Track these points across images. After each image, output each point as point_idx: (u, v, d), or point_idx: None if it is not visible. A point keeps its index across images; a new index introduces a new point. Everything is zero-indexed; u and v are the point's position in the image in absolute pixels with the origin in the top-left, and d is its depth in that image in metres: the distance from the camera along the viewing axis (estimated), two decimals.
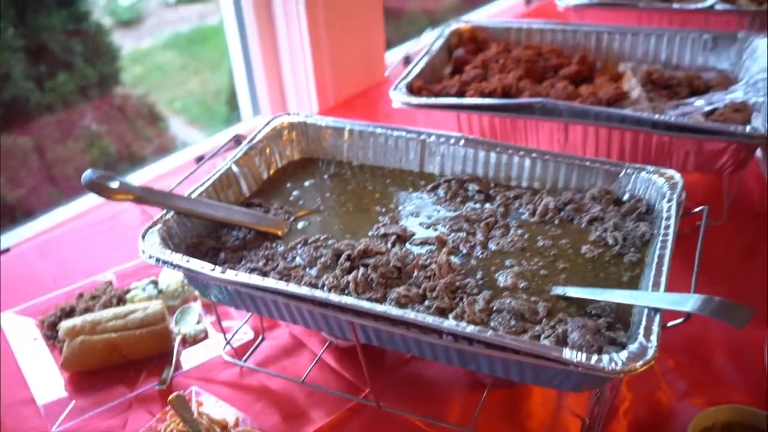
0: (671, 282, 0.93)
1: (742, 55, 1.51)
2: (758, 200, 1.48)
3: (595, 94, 1.43)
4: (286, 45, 1.98)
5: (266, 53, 2.00)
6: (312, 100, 2.02)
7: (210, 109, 3.78)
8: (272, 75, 2.05)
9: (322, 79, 2.00)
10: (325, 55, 1.97)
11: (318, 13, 1.88)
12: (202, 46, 3.91)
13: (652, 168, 1.14)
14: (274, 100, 2.09)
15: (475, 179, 1.23)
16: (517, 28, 1.67)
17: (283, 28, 1.94)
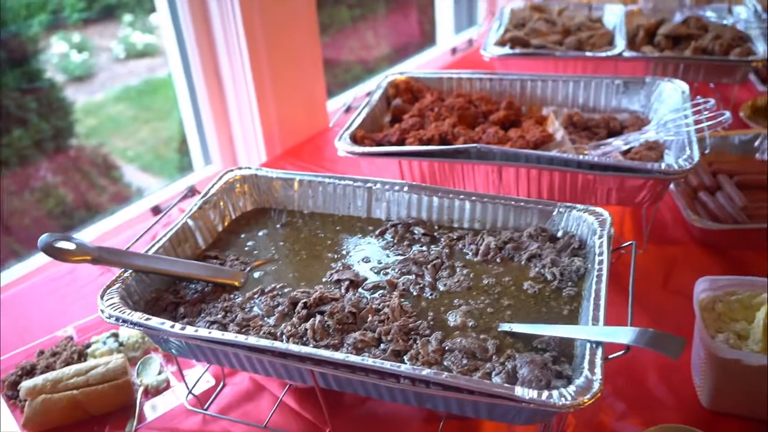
0: (607, 310, 0.92)
1: (651, 98, 1.54)
2: (672, 228, 1.49)
3: (524, 137, 1.43)
4: (233, 97, 1.93)
5: (214, 105, 1.95)
6: (260, 149, 1.97)
7: (162, 157, 3.68)
8: (221, 126, 2.00)
9: (269, 129, 1.96)
10: (270, 106, 1.93)
11: (262, 68, 1.84)
12: (153, 97, 3.82)
13: (581, 207, 1.13)
14: (223, 149, 2.03)
15: (420, 222, 1.20)
16: (449, 77, 1.66)
17: (230, 81, 1.89)
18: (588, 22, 1.90)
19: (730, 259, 1.40)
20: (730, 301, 1.14)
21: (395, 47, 3.59)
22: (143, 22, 3.56)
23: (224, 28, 1.80)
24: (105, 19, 3.53)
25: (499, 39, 1.83)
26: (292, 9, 1.88)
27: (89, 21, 3.41)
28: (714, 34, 1.72)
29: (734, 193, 1.48)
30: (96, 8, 3.31)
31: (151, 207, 1.88)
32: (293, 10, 1.88)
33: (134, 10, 3.49)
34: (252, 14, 1.76)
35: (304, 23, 1.94)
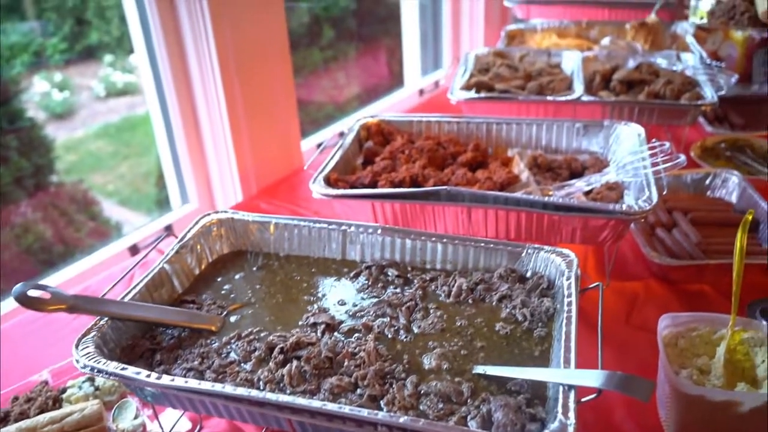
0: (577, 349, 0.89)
1: (609, 140, 1.54)
2: (632, 264, 1.48)
3: (491, 178, 1.41)
4: (210, 137, 1.89)
5: (191, 145, 1.91)
6: (236, 188, 1.93)
7: (140, 191, 3.61)
8: (198, 165, 1.95)
9: (245, 169, 1.92)
10: (246, 146, 1.89)
11: (238, 109, 1.81)
12: (132, 133, 3.76)
13: (549, 248, 1.11)
14: (200, 188, 1.98)
15: (393, 264, 1.17)
16: (418, 120, 1.65)
17: (206, 121, 1.85)
18: (548, 68, 1.91)
19: (688, 293, 1.39)
20: (692, 336, 1.13)
21: (365, 87, 3.59)
22: (123, 62, 3.52)
23: (201, 70, 1.77)
24: (86, 59, 3.47)
25: (465, 83, 1.82)
26: (266, 52, 1.85)
27: (71, 61, 3.35)
28: (665, 80, 1.73)
29: (689, 230, 1.48)
30: (77, 49, 3.25)
31: (128, 246, 1.81)
32: (268, 53, 1.86)
33: (115, 50, 3.44)
34: (227, 57, 1.74)
35: (278, 66, 1.91)
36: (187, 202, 2.01)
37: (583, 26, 2.36)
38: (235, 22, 1.74)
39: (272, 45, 1.89)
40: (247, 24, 1.77)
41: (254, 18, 1.79)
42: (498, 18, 2.86)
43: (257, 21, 1.80)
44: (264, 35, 1.84)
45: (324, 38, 3.47)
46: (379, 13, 3.63)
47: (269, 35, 1.87)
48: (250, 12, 1.77)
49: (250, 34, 1.79)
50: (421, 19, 2.85)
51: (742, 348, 1.09)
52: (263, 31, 1.84)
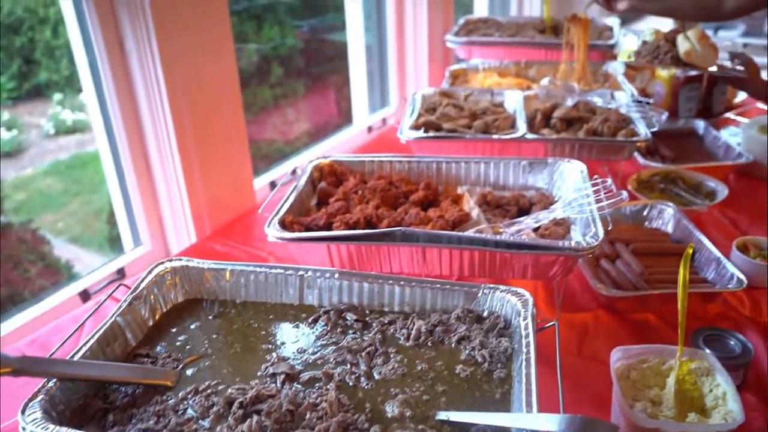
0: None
1: (553, 176, 1.54)
2: (580, 296, 1.48)
3: (443, 216, 1.39)
4: (162, 178, 1.81)
5: (143, 186, 1.82)
6: (190, 230, 1.85)
7: (91, 227, 3.46)
8: (150, 206, 1.87)
9: (198, 210, 1.84)
10: (198, 186, 1.82)
11: (189, 148, 1.74)
12: (82, 170, 3.61)
13: (504, 288, 1.09)
14: (153, 230, 1.90)
15: (351, 308, 1.13)
16: (370, 160, 1.62)
17: (157, 162, 1.78)
18: (492, 107, 1.92)
19: (634, 323, 1.39)
20: (643, 368, 1.12)
21: (315, 124, 3.56)
22: (73, 100, 3.39)
23: (151, 110, 1.70)
24: (35, 98, 3.33)
25: (413, 123, 1.81)
26: (218, 92, 1.80)
27: (19, 99, 3.20)
28: (602, 117, 1.76)
29: (631, 260, 1.48)
30: (26, 88, 3.12)
31: (79, 292, 1.71)
32: (219, 94, 1.81)
33: (64, 89, 3.32)
34: (178, 96, 1.67)
35: (229, 106, 1.86)
36: (139, 244, 1.92)
37: (522, 66, 2.40)
38: (186, 63, 1.68)
39: (223, 85, 1.84)
40: (197, 64, 1.72)
41: (205, 58, 1.74)
42: (441, 58, 2.88)
43: (208, 61, 1.75)
44: (215, 75, 1.79)
45: (273, 76, 3.43)
46: (326, 52, 3.62)
47: (220, 75, 1.82)
48: (201, 53, 1.72)
49: (201, 74, 1.74)
50: (368, 59, 2.84)
51: (690, 378, 1.09)
52: (214, 72, 1.79)
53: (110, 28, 1.61)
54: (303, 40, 3.47)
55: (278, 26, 3.35)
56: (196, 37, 1.70)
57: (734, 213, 1.78)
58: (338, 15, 2.93)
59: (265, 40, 3.28)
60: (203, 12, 1.70)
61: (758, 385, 1.21)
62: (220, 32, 1.78)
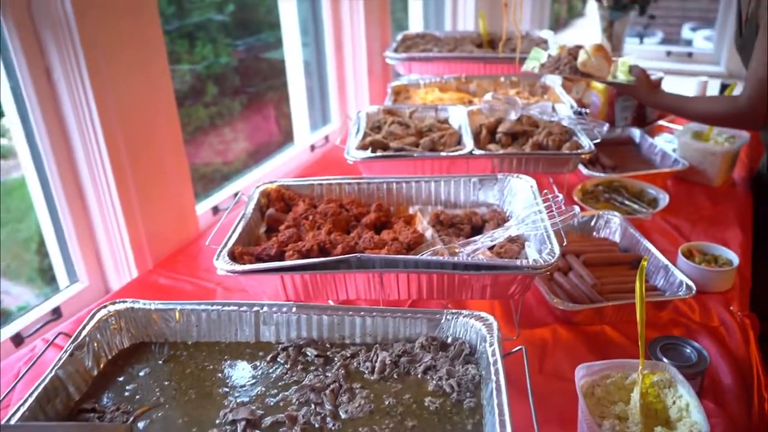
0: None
1: (504, 192, 1.54)
2: (537, 311, 1.47)
3: (398, 239, 1.36)
4: (96, 209, 1.71)
5: (76, 218, 1.72)
6: (130, 264, 1.76)
7: (20, 257, 3.26)
8: (85, 240, 1.76)
9: (138, 242, 1.75)
10: (137, 216, 1.73)
11: (126, 176, 1.65)
12: (8, 198, 3.41)
13: (467, 312, 1.07)
14: (90, 265, 1.79)
15: (311, 343, 1.08)
16: (319, 183, 1.57)
17: (92, 192, 1.68)
18: (437, 123, 1.91)
19: (592, 335, 1.40)
20: (606, 384, 1.12)
21: (256, 144, 3.48)
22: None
23: (83, 139, 1.60)
24: None
25: (360, 143, 1.77)
26: (153, 116, 1.72)
27: None
28: (546, 131, 1.78)
29: (584, 272, 1.50)
30: None
31: (11, 336, 1.59)
32: (155, 117, 1.73)
33: None
34: (111, 122, 1.58)
35: (166, 129, 1.78)
36: (75, 280, 1.81)
37: (462, 80, 2.41)
38: (119, 89, 1.60)
39: (160, 109, 1.75)
40: (131, 89, 1.64)
41: (139, 83, 1.66)
42: (381, 74, 2.87)
43: (143, 86, 1.67)
44: (150, 100, 1.71)
45: (208, 95, 3.34)
46: (263, 70, 3.55)
47: (156, 100, 1.74)
48: (135, 77, 1.64)
49: (135, 99, 1.66)
50: (307, 76, 2.80)
51: (653, 391, 1.09)
52: (149, 96, 1.71)
53: (34, 53, 1.51)
54: (238, 58, 3.40)
55: (211, 44, 3.27)
56: (130, 60, 1.62)
57: (676, 219, 1.83)
58: (274, 32, 2.87)
59: (199, 59, 3.19)
60: (136, 35, 1.63)
61: (716, 391, 1.23)
62: (155, 55, 1.71)
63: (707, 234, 1.75)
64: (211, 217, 2.14)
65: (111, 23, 1.55)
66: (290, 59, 2.69)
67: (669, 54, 4.67)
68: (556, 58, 2.03)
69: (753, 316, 1.45)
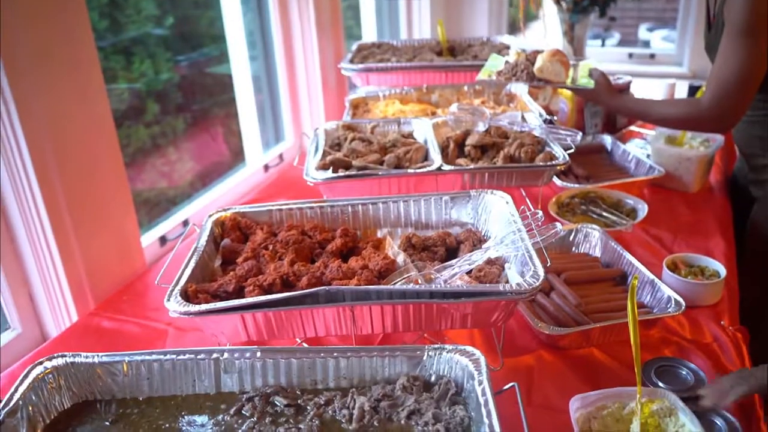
0: None
1: (478, 209, 1.50)
2: (519, 336, 1.44)
3: (367, 266, 1.31)
4: (28, 247, 1.61)
5: (5, 258, 1.60)
6: (69, 305, 1.65)
7: None
8: (16, 281, 1.64)
9: (77, 281, 1.65)
10: (75, 252, 1.63)
11: (60, 209, 1.56)
12: None
13: (450, 347, 1.02)
14: (22, 309, 1.67)
15: (279, 390, 1.01)
16: (278, 209, 1.51)
17: (22, 230, 1.57)
18: (401, 138, 1.87)
19: (580, 359, 1.36)
20: (603, 416, 1.08)
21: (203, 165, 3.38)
22: None
23: (10, 173, 1.50)
24: None
25: (319, 163, 1.72)
26: (90, 143, 1.63)
27: None
28: (518, 142, 1.75)
29: (566, 292, 1.47)
30: None
31: None
32: (92, 144, 1.63)
33: None
34: (42, 154, 1.49)
35: (106, 157, 1.69)
36: (7, 327, 1.69)
37: (423, 91, 2.38)
38: (49, 110, 1.50)
39: (97, 135, 1.66)
40: (63, 111, 1.54)
41: (71, 103, 1.56)
42: (336, 86, 2.82)
43: (75, 106, 1.58)
44: (86, 125, 1.62)
45: (148, 114, 3.24)
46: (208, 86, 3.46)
47: (92, 124, 1.64)
48: (66, 97, 1.54)
49: (69, 125, 1.56)
50: (256, 91, 2.73)
51: (653, 420, 1.07)
52: (84, 121, 1.61)
53: None
54: (180, 74, 3.31)
55: (150, 60, 3.17)
56: (61, 81, 1.53)
57: (656, 229, 1.82)
58: (218, 46, 2.80)
59: (137, 75, 3.09)
60: (66, 53, 1.54)
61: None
62: (88, 74, 1.62)
63: (690, 244, 1.75)
64: (158, 249, 2.04)
65: (38, 42, 1.46)
66: (238, 74, 2.62)
67: (631, 56, 4.76)
68: (513, 64, 2.03)
69: (743, 330, 1.44)
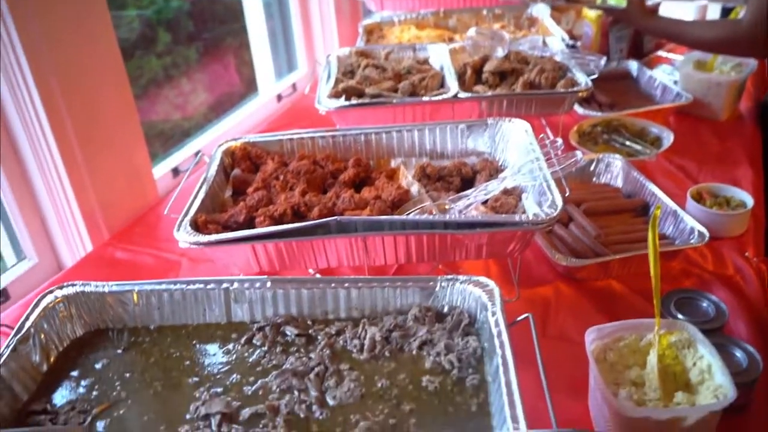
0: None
1: (495, 138, 1.46)
2: (536, 267, 1.42)
3: (380, 197, 1.29)
4: (40, 179, 1.60)
5: (17, 190, 1.60)
6: (83, 236, 1.66)
7: None
8: (29, 213, 1.65)
9: (90, 212, 1.65)
10: (87, 184, 1.63)
11: (70, 140, 1.54)
12: None
13: (464, 278, 1.01)
14: (37, 240, 1.68)
15: (290, 320, 1.01)
16: (289, 138, 1.48)
17: (32, 161, 1.56)
18: (416, 65, 1.81)
19: (598, 291, 1.35)
20: (620, 347, 1.07)
21: (216, 95, 3.34)
22: None
23: (16, 101, 1.48)
24: None
25: (332, 91, 1.67)
26: (96, 69, 1.59)
27: None
28: (538, 68, 1.69)
29: (585, 223, 1.44)
30: None
31: None
32: (98, 71, 1.60)
33: None
34: (47, 83, 1.47)
35: (112, 84, 1.66)
36: (23, 257, 1.71)
37: (440, 15, 2.29)
38: (54, 42, 1.47)
39: (102, 61, 1.63)
40: (68, 41, 1.51)
41: (76, 33, 1.53)
42: (349, 12, 2.73)
43: (80, 36, 1.54)
44: (91, 51, 1.59)
45: (160, 44, 3.18)
46: (219, 13, 3.38)
47: (97, 50, 1.61)
48: (71, 27, 1.51)
49: (73, 52, 1.53)
50: (268, 18, 2.66)
51: (671, 352, 1.05)
52: (89, 47, 1.58)
53: None
54: (191, 1, 3.23)
55: None
56: (63, 10, 1.49)
57: (681, 159, 1.77)
58: None
59: (146, 3, 3.02)
60: None
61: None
62: (93, 3, 1.57)
63: (716, 174, 1.70)
64: (171, 180, 2.04)
65: None
66: (247, 0, 2.55)
67: None
68: None
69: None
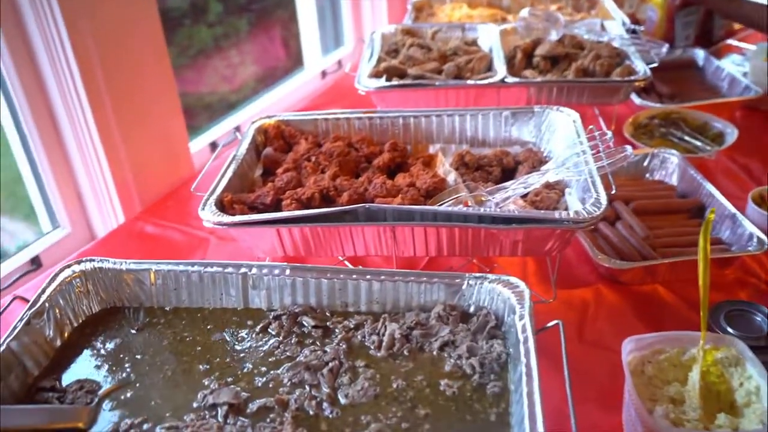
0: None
1: (541, 128, 1.40)
2: (577, 267, 1.36)
3: (414, 185, 1.24)
4: (75, 148, 1.61)
5: (54, 159, 1.62)
6: (116, 208, 1.67)
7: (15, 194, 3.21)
8: (65, 183, 1.66)
9: (124, 184, 1.66)
10: (122, 155, 1.63)
11: (106, 110, 1.54)
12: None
13: (493, 277, 0.96)
14: (71, 210, 1.70)
15: (308, 311, 0.98)
16: (324, 118, 1.45)
17: (69, 130, 1.57)
18: (464, 46, 1.75)
19: (642, 297, 1.28)
20: (659, 360, 1.01)
21: (263, 68, 3.33)
22: None
23: (54, 68, 1.48)
24: None
25: (373, 70, 1.63)
26: (134, 38, 1.59)
27: None
28: (593, 54, 1.61)
29: (634, 222, 1.37)
30: None
31: None
32: (137, 39, 1.60)
33: None
34: (85, 49, 1.46)
35: (151, 53, 1.65)
36: (57, 226, 1.73)
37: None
38: (95, 11, 1.47)
39: (141, 29, 1.62)
40: (108, 11, 1.50)
41: (117, 3, 1.52)
42: None
43: (121, 5, 1.54)
44: (130, 19, 1.58)
45: (211, 14, 3.18)
46: None
47: (136, 18, 1.60)
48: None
49: (111, 19, 1.52)
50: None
51: (716, 369, 0.98)
52: (128, 15, 1.57)
53: None
54: None
55: None
56: None
57: (745, 158, 1.67)
58: None
59: None
60: None
61: None
62: None
63: None
64: (208, 155, 2.03)
65: None
66: None
67: None
68: None
69: None
